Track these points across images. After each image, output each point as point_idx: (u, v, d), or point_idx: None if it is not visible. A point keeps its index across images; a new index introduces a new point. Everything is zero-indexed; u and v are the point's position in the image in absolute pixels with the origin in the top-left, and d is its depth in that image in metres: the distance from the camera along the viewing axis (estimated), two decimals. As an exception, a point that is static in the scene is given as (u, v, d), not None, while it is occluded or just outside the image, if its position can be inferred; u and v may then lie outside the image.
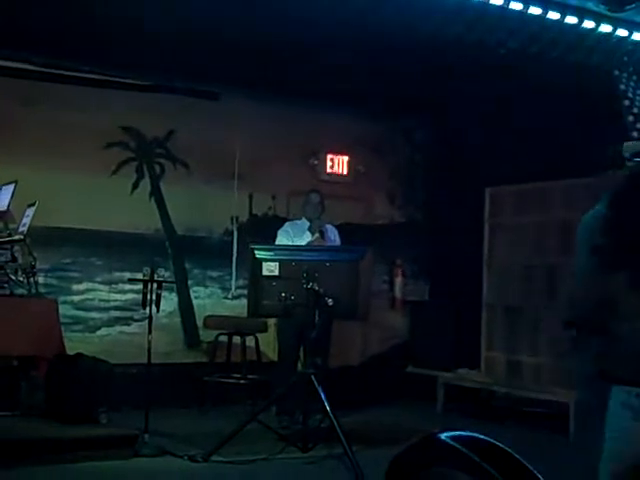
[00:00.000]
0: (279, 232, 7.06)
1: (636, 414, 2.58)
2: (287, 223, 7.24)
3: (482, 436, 1.21)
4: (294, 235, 6.97)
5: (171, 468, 5.48)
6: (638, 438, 2.64)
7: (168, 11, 6.04)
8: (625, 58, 6.35)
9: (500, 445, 1.19)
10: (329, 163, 8.72)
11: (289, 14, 6.00)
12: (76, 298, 7.59)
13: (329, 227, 7.11)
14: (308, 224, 7.00)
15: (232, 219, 8.24)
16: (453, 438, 1.19)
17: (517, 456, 1.18)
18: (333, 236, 7.08)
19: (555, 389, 7.21)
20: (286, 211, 8.34)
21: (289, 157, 8.39)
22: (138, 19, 6.25)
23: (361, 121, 8.71)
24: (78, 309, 7.58)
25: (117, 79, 7.67)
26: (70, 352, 6.44)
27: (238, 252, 8.05)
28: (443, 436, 1.20)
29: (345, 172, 8.80)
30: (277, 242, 6.94)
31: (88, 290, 7.64)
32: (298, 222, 7.12)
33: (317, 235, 6.94)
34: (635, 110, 6.36)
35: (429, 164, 9.32)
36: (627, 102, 6.37)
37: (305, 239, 6.92)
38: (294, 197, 8.12)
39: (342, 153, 8.79)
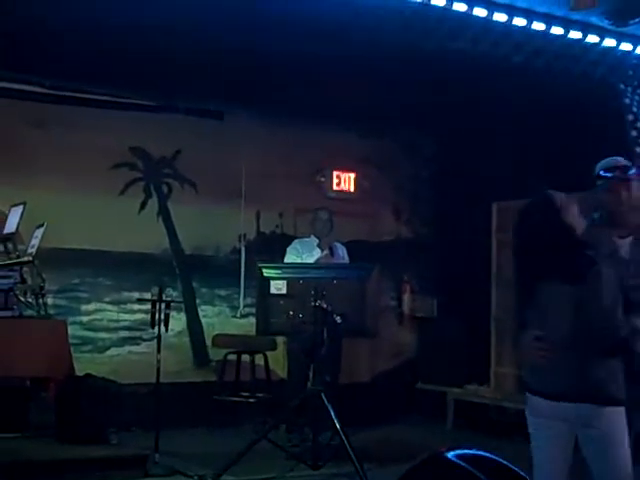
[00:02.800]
0: (288, 250, 7.07)
1: None
2: (296, 241, 7.25)
3: (488, 454, 1.21)
4: (303, 252, 6.98)
5: (182, 488, 5.48)
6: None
7: (174, 32, 6.08)
8: (630, 72, 6.37)
9: (505, 463, 1.19)
10: (335, 180, 8.74)
11: (295, 32, 6.03)
12: (85, 318, 7.60)
13: (338, 245, 7.12)
14: (317, 241, 7.01)
15: (240, 237, 8.25)
16: (459, 456, 1.19)
17: (522, 473, 1.18)
18: (342, 253, 7.09)
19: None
20: (293, 229, 8.35)
21: (295, 175, 8.41)
22: (144, 41, 6.29)
23: (367, 137, 8.74)
24: (87, 329, 7.58)
25: (124, 100, 7.72)
26: (79, 373, 6.45)
27: (246, 270, 8.06)
28: (449, 454, 1.20)
29: (352, 189, 8.82)
30: (286, 260, 6.95)
31: (97, 310, 7.65)
32: (307, 240, 7.13)
33: (326, 252, 6.95)
34: (639, 125, 6.36)
35: (435, 179, 9.33)
36: (631, 116, 6.38)
37: (314, 256, 6.93)
38: (301, 215, 8.13)
39: (348, 170, 8.80)
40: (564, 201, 3.46)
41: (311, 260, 6.87)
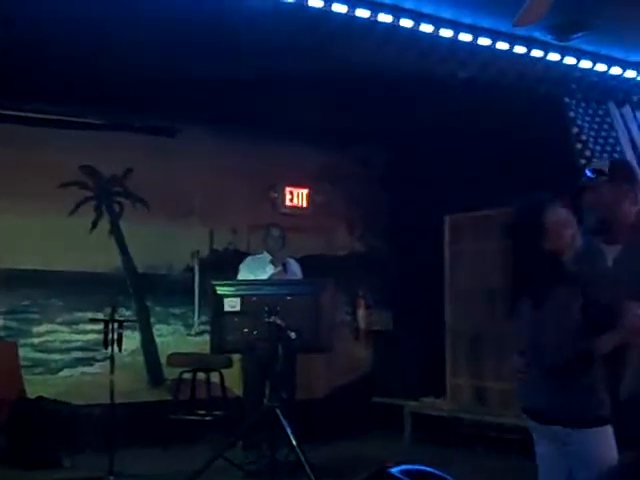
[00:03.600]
0: (241, 267, 7.06)
1: None
2: (248, 257, 7.24)
3: (433, 470, 1.22)
4: (256, 269, 6.97)
5: (137, 510, 5.42)
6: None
7: (124, 48, 6.05)
8: (574, 86, 6.49)
9: (449, 478, 1.20)
10: (288, 196, 8.75)
11: (247, 48, 6.05)
12: (36, 340, 7.47)
13: (291, 261, 7.12)
14: (269, 258, 7.01)
15: (193, 255, 8.20)
16: (403, 472, 1.19)
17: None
18: (295, 269, 7.09)
19: (521, 413, 7.23)
20: (247, 245, 8.33)
21: (248, 191, 8.41)
22: (94, 57, 6.25)
23: (319, 152, 8.77)
24: (39, 351, 7.46)
25: (73, 118, 7.65)
26: (32, 395, 6.37)
27: (200, 288, 8.01)
28: (394, 470, 1.20)
29: (305, 204, 8.84)
30: (239, 277, 6.93)
31: (48, 332, 7.54)
32: (259, 256, 7.12)
33: (280, 269, 6.95)
34: (583, 137, 6.48)
35: (388, 194, 9.39)
36: (576, 129, 6.50)
37: (267, 273, 6.92)
38: (254, 231, 8.12)
39: (301, 186, 8.82)
40: (558, 220, 3.33)
41: (264, 277, 6.87)
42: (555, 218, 3.33)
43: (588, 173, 3.55)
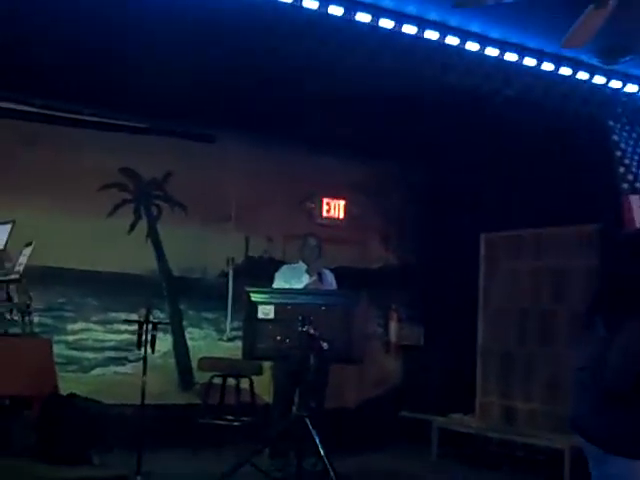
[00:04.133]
0: (276, 275, 7.08)
1: None
2: (284, 266, 7.25)
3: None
4: (291, 278, 6.98)
5: (163, 511, 5.45)
6: None
7: (165, 53, 6.12)
8: (619, 109, 6.45)
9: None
10: (325, 207, 8.77)
11: (284, 59, 6.09)
12: (70, 338, 7.57)
13: (326, 271, 7.13)
14: (305, 267, 7.02)
15: (228, 261, 8.25)
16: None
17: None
18: (330, 280, 7.10)
19: (550, 435, 7.20)
20: (282, 254, 8.36)
21: (285, 200, 8.45)
22: (135, 62, 6.33)
23: (356, 164, 8.79)
24: (72, 349, 7.56)
25: (115, 121, 7.75)
26: (64, 392, 6.42)
27: (233, 294, 8.06)
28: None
29: (341, 216, 8.85)
30: (275, 285, 6.95)
31: (83, 330, 7.63)
32: (295, 265, 7.14)
33: (315, 278, 6.96)
34: (626, 161, 6.44)
35: (424, 208, 9.38)
36: (619, 153, 6.46)
37: (302, 282, 6.93)
38: (290, 240, 8.16)
39: (338, 197, 8.84)
40: None
41: (299, 286, 6.88)
42: None
43: None
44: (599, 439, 3.25)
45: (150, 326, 6.22)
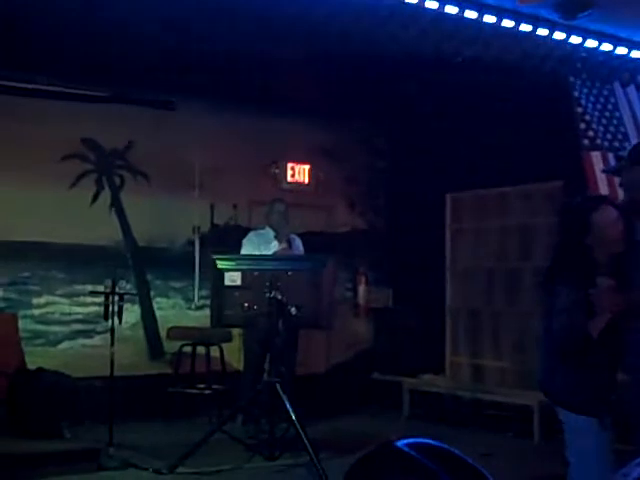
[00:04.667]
0: (244, 242, 7.06)
1: None
2: (251, 232, 7.23)
3: (439, 443, 1.23)
4: (260, 244, 6.97)
5: (136, 481, 5.45)
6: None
7: (123, 22, 6.02)
8: (579, 65, 6.45)
9: (456, 452, 1.20)
10: (290, 172, 8.72)
11: (249, 25, 6.01)
12: (36, 312, 7.48)
13: (295, 237, 7.12)
14: (273, 233, 7.00)
15: (194, 229, 8.18)
16: (409, 445, 1.20)
17: (472, 462, 1.19)
18: (298, 244, 7.10)
19: (519, 392, 7.29)
20: (248, 221, 8.32)
21: (249, 166, 8.38)
22: (94, 31, 6.22)
23: (321, 129, 8.74)
24: (39, 323, 7.47)
25: (74, 90, 7.60)
26: (31, 367, 6.38)
27: (200, 262, 8.01)
28: (399, 443, 1.21)
29: (306, 181, 8.81)
30: (243, 252, 6.93)
31: (49, 304, 7.55)
32: (262, 231, 7.12)
33: (285, 245, 6.94)
34: (587, 117, 6.46)
35: (389, 171, 9.37)
36: (580, 109, 6.47)
37: (271, 248, 6.92)
38: (255, 206, 8.11)
39: (303, 162, 8.80)
40: (604, 221, 3.41)
41: (269, 252, 6.87)
42: (602, 218, 3.42)
43: (611, 160, 3.64)
44: (548, 393, 3.58)
45: (117, 297, 6.18)
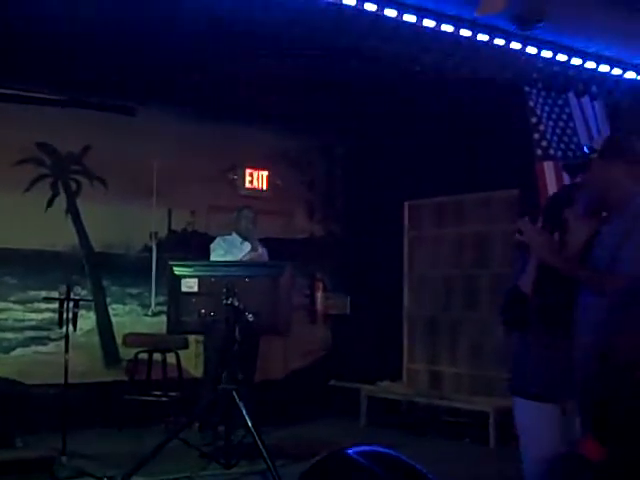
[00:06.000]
0: (213, 246, 7.09)
1: None
2: (218, 238, 7.26)
3: (389, 450, 1.23)
4: (230, 250, 7.01)
5: (90, 490, 5.38)
6: None
7: (83, 24, 5.95)
8: (534, 75, 6.53)
9: (405, 459, 1.21)
10: (248, 178, 8.71)
11: (206, 29, 5.99)
12: (-11, 318, 7.37)
13: (260, 243, 7.21)
14: (240, 239, 7.05)
15: (151, 235, 8.13)
16: (359, 453, 1.20)
17: (421, 469, 1.20)
18: (263, 251, 7.17)
19: (475, 398, 7.35)
20: (206, 227, 8.29)
21: (208, 172, 8.35)
22: (52, 33, 6.14)
23: (280, 136, 8.74)
24: (-9, 329, 7.36)
25: (30, 94, 7.51)
26: (-17, 374, 6.27)
27: (157, 269, 7.96)
28: (349, 451, 1.21)
29: (264, 187, 8.80)
30: (213, 256, 6.97)
31: (2, 310, 7.41)
32: (228, 237, 7.18)
33: (260, 251, 7.02)
34: (541, 127, 6.54)
35: (348, 178, 9.40)
36: (534, 119, 6.55)
37: (239, 254, 6.96)
38: (214, 212, 8.09)
39: (261, 168, 8.79)
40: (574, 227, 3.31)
41: (236, 258, 6.90)
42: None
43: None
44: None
45: (71, 304, 6.11)
